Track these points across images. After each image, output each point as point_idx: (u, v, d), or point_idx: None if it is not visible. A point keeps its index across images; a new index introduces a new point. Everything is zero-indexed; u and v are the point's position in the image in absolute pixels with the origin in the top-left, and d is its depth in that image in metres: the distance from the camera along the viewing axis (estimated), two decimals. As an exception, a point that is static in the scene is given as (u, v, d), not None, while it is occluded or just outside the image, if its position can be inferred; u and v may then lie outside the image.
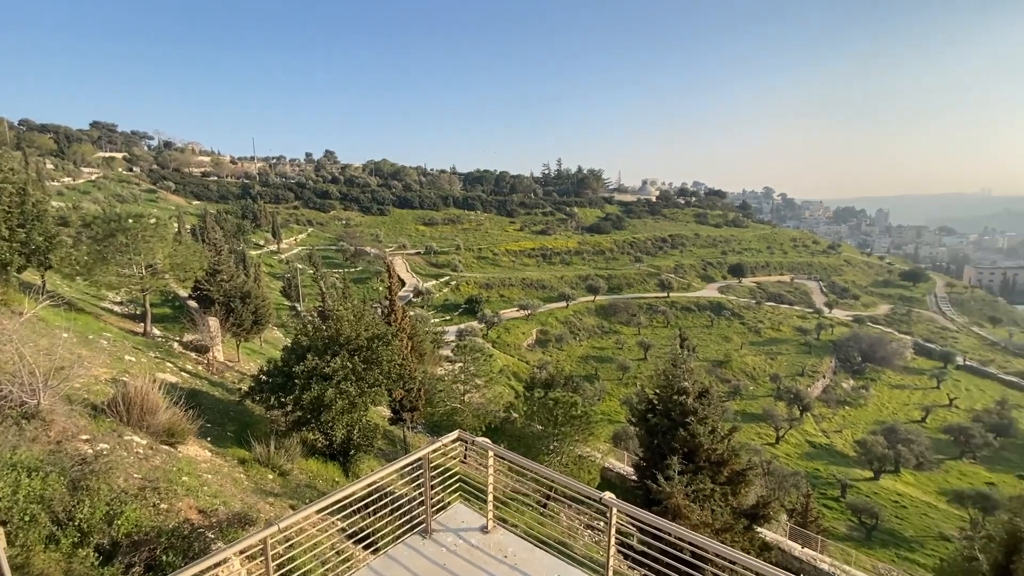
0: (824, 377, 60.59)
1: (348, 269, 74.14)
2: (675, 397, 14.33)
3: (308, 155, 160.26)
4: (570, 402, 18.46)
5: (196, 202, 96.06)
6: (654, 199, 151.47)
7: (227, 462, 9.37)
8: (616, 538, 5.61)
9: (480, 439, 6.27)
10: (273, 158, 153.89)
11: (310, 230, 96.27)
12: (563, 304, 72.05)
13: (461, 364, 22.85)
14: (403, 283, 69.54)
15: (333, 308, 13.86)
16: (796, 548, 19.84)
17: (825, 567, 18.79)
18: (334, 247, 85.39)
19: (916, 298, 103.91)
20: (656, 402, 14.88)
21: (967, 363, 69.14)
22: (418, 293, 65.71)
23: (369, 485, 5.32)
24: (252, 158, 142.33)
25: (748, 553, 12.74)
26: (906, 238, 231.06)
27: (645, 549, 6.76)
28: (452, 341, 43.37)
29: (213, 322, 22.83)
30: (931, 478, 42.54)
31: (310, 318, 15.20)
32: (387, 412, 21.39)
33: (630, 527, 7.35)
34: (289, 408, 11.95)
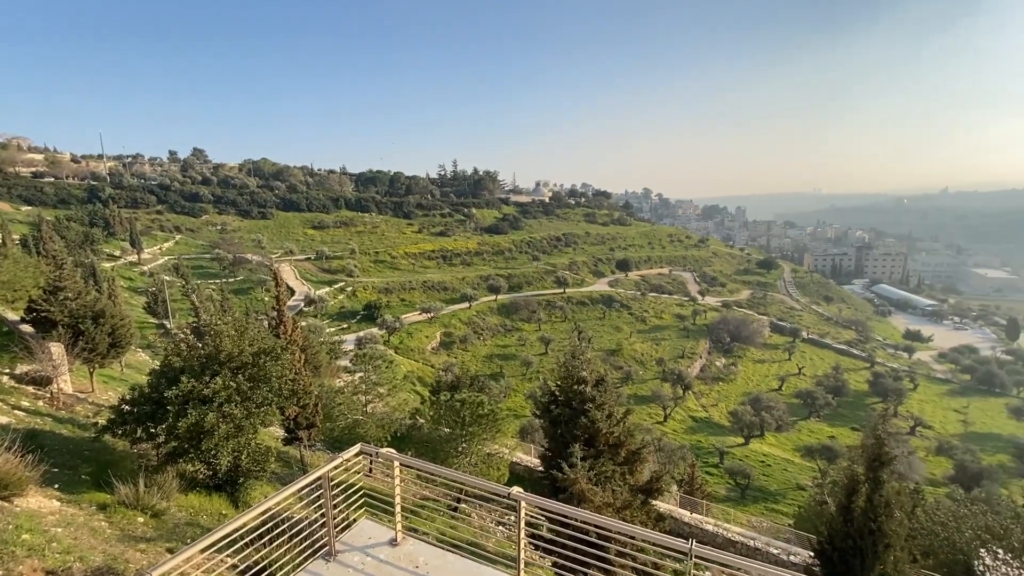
0: (701, 357, 67.26)
1: (226, 279, 67.40)
2: (575, 387, 14.97)
3: (172, 154, 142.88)
4: (477, 402, 18.51)
5: (26, 208, 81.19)
6: (547, 200, 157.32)
7: (83, 510, 8.02)
8: (526, 530, 5.73)
9: (385, 450, 6.05)
10: (128, 157, 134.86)
11: (178, 237, 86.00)
12: (466, 305, 72.05)
13: (361, 374, 21.84)
14: (292, 292, 64.93)
15: (210, 323, 12.46)
16: (686, 515, 21.79)
17: (710, 528, 20.86)
18: (208, 255, 77.10)
19: (769, 283, 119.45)
20: (558, 393, 15.43)
21: (809, 336, 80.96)
22: (310, 302, 61.72)
23: (263, 513, 4.88)
24: (101, 156, 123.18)
25: (645, 526, 13.71)
26: (759, 232, 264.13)
27: (554, 537, 6.97)
28: (351, 350, 41.35)
29: (56, 348, 19.38)
30: (788, 438, 49.21)
31: (183, 336, 13.52)
32: (280, 432, 19.82)
33: (539, 517, 7.53)
34: (161, 439, 10.52)
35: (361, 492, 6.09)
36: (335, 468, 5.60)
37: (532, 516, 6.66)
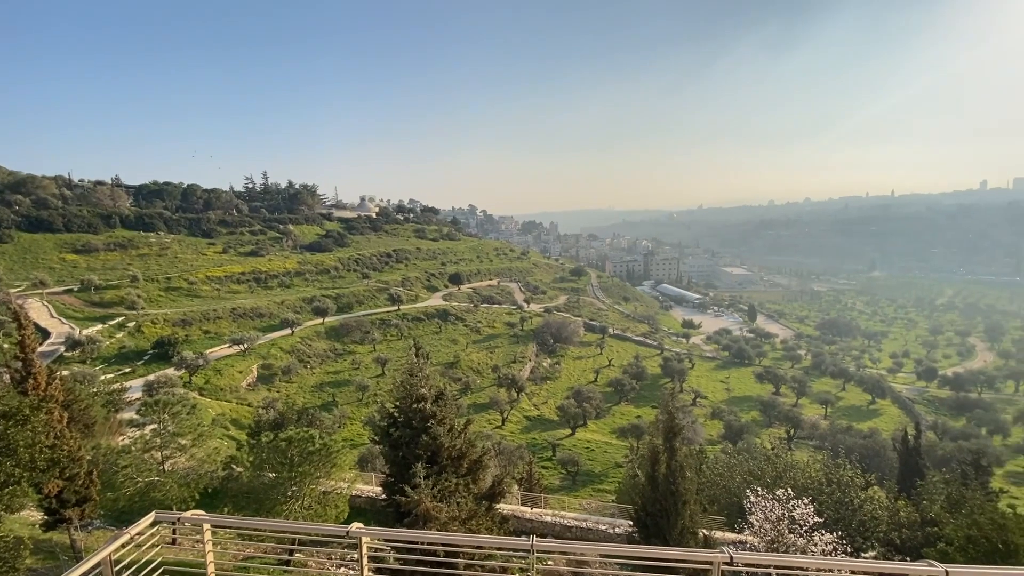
0: (530, 360, 71.90)
1: (-64, 325, 49.66)
2: (415, 405, 14.59)
3: None
4: (306, 438, 16.73)
5: None
6: (374, 215, 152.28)
7: None
8: (370, 565, 5.33)
9: (190, 513, 5.05)
10: None
11: None
12: (287, 331, 65.22)
13: (155, 426, 18.04)
14: (46, 334, 50.99)
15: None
16: (527, 511, 22.85)
17: (549, 519, 22.22)
18: (-98, 295, 55.98)
19: (581, 288, 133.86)
20: (397, 414, 14.85)
21: (614, 332, 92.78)
22: (74, 344, 49.06)
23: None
24: None
25: (491, 531, 13.93)
26: (570, 244, 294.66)
27: (401, 567, 6.61)
28: (138, 399, 34.01)
29: None
30: (606, 423, 55.44)
31: None
32: (38, 516, 15.24)
33: (385, 549, 7.08)
34: None
35: (162, 570, 4.96)
36: (122, 547, 4.46)
37: (376, 549, 6.24)
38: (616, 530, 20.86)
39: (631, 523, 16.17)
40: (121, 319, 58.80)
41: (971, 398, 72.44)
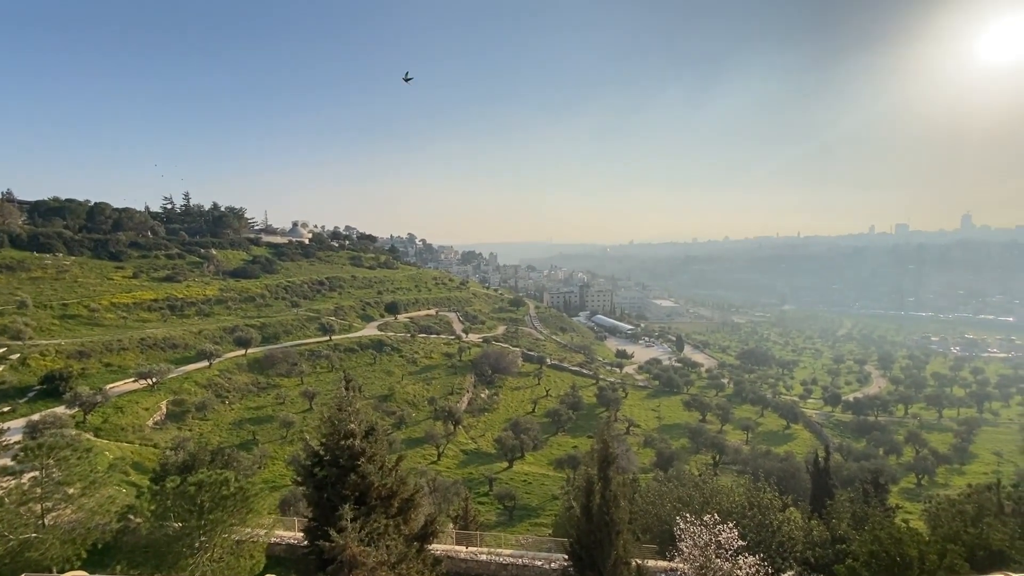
0: (468, 392, 70.73)
1: None
2: (343, 442, 13.79)
3: None
4: (220, 481, 15.26)
5: None
6: (307, 241, 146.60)
7: None
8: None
9: (71, 575, 4.36)
10: None
11: None
12: (205, 364, 60.25)
13: (35, 473, 15.75)
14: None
15: None
16: (462, 551, 21.98)
17: (484, 558, 21.47)
18: None
19: (519, 319, 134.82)
20: (323, 452, 13.95)
21: (552, 363, 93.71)
22: (-58, 380, 42.37)
23: None
24: None
25: (422, 575, 13.21)
26: (509, 275, 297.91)
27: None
28: (16, 442, 29.74)
29: None
30: (543, 454, 55.15)
31: None
32: None
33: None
34: None
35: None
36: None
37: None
38: (552, 565, 20.50)
39: (566, 557, 15.93)
40: (3, 350, 51.75)
41: (869, 421, 79.51)
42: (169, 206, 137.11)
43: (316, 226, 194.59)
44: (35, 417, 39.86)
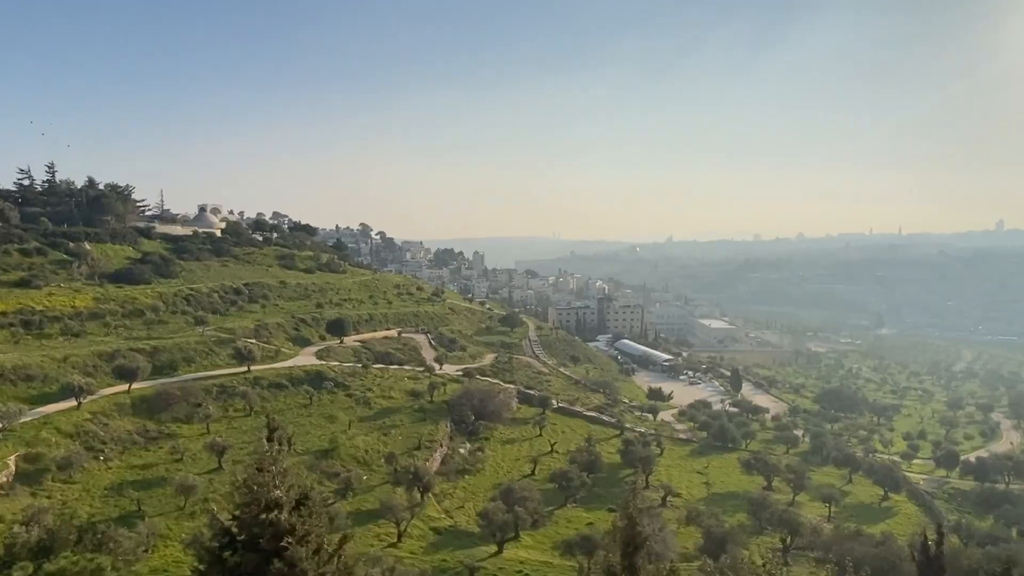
0: (442, 446, 70.48)
1: None
2: (263, 516, 13.66)
3: None
4: (90, 570, 15.11)
5: None
6: (219, 233, 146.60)
7: None
8: None
9: None
10: None
11: None
12: (72, 404, 59.96)
13: None
14: None
15: None
16: (431, 670, 21.71)
17: None
18: None
19: (515, 343, 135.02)
20: (236, 530, 13.83)
21: (560, 405, 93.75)
22: None
23: None
24: None
25: None
26: (501, 282, 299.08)
27: None
28: None
29: None
30: (545, 534, 54.92)
31: None
32: None
33: None
34: None
35: None
36: None
37: None
38: None
39: None
40: None
41: (998, 491, 79.84)
42: (27, 182, 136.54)
43: (232, 212, 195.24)
44: None
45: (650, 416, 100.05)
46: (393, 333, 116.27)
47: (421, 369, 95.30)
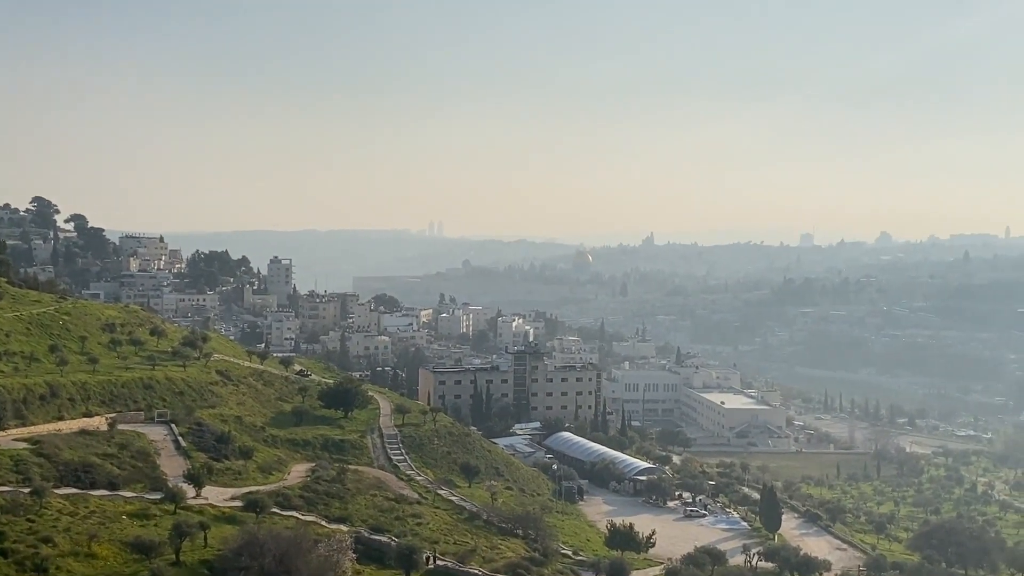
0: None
1: None
2: None
3: None
4: None
5: None
6: None
7: None
8: None
9: None
10: None
11: None
12: None
13: None
14: None
15: None
16: None
17: None
18: None
19: (352, 441, 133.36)
20: None
21: (439, 564, 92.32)
22: None
23: None
24: None
25: None
26: (326, 318, 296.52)
27: None
28: None
29: None
30: None
31: None
32: None
33: None
34: None
35: None
36: None
37: None
38: None
39: None
40: None
41: None
42: None
43: None
44: None
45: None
46: (99, 422, 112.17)
47: (157, 496, 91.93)
